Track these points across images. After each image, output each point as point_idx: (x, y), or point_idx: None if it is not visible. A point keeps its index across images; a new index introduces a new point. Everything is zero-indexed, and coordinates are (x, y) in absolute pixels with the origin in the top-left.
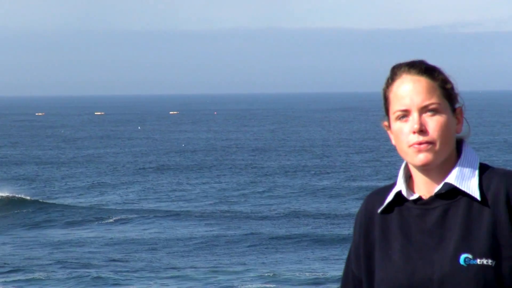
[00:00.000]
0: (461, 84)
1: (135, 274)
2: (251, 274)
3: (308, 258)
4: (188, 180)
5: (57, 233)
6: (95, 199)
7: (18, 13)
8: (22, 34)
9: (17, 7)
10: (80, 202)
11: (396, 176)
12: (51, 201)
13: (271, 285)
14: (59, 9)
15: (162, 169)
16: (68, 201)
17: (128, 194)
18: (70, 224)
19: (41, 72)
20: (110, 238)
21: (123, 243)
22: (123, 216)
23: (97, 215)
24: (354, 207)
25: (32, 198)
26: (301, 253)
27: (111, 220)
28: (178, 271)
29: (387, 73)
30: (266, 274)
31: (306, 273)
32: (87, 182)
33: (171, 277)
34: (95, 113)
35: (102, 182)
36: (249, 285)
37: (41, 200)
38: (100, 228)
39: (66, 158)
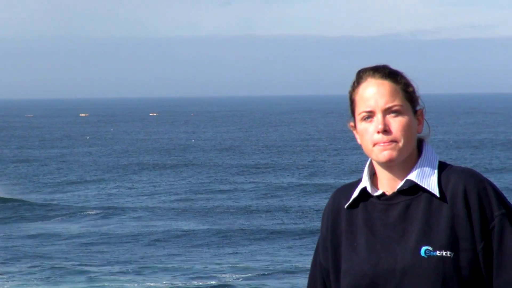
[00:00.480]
0: (422, 88)
1: (114, 266)
2: (225, 265)
3: (279, 250)
4: (166, 176)
5: (34, 227)
6: (74, 194)
7: (7, 22)
8: (12, 41)
9: (5, 17)
10: (59, 198)
11: (361, 173)
12: (30, 197)
13: (244, 275)
14: (46, 18)
15: (141, 167)
16: (48, 196)
17: (107, 190)
18: (48, 218)
19: (31, 76)
20: (88, 232)
21: (101, 236)
22: (101, 211)
23: (75, 210)
24: (321, 202)
25: (13, 195)
26: (272, 245)
27: (91, 213)
28: (157, 261)
29: (353, 77)
30: (239, 265)
31: (277, 264)
32: (68, 179)
33: (147, 267)
34: (80, 115)
35: (81, 179)
36: (223, 275)
37: (20, 197)
38: (78, 223)
39: (50, 156)
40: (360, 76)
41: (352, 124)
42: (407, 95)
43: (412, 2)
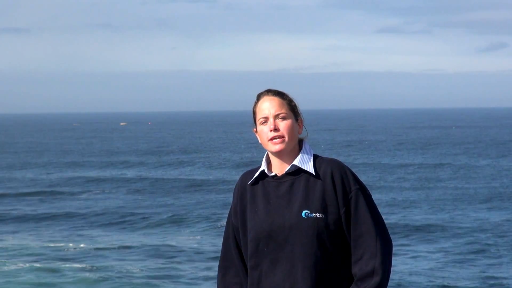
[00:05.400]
0: (303, 105)
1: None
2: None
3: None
4: (114, 169)
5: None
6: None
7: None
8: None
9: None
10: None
11: (261, 161)
12: None
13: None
14: (43, 54)
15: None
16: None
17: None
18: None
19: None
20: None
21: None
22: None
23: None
24: (234, 181)
25: None
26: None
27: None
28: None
29: (254, 98)
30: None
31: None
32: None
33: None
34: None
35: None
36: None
37: None
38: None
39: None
40: (259, 95)
41: (254, 129)
42: (290, 107)
43: (293, 48)
